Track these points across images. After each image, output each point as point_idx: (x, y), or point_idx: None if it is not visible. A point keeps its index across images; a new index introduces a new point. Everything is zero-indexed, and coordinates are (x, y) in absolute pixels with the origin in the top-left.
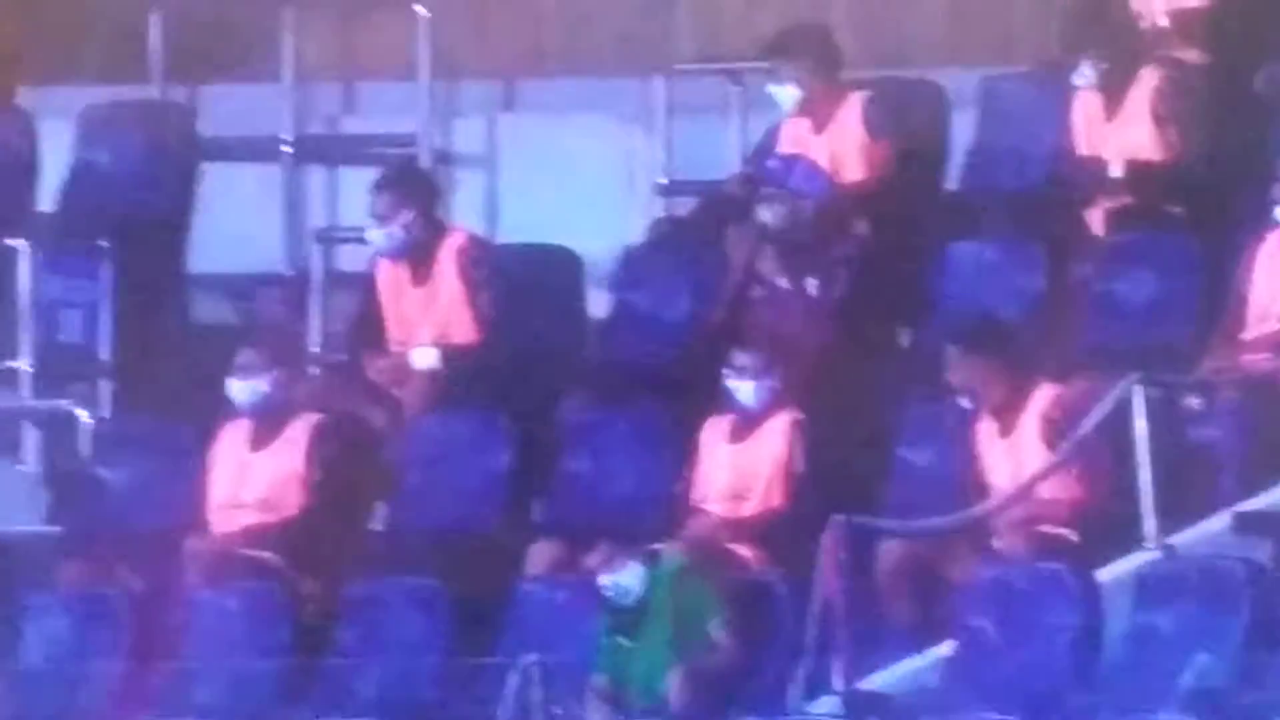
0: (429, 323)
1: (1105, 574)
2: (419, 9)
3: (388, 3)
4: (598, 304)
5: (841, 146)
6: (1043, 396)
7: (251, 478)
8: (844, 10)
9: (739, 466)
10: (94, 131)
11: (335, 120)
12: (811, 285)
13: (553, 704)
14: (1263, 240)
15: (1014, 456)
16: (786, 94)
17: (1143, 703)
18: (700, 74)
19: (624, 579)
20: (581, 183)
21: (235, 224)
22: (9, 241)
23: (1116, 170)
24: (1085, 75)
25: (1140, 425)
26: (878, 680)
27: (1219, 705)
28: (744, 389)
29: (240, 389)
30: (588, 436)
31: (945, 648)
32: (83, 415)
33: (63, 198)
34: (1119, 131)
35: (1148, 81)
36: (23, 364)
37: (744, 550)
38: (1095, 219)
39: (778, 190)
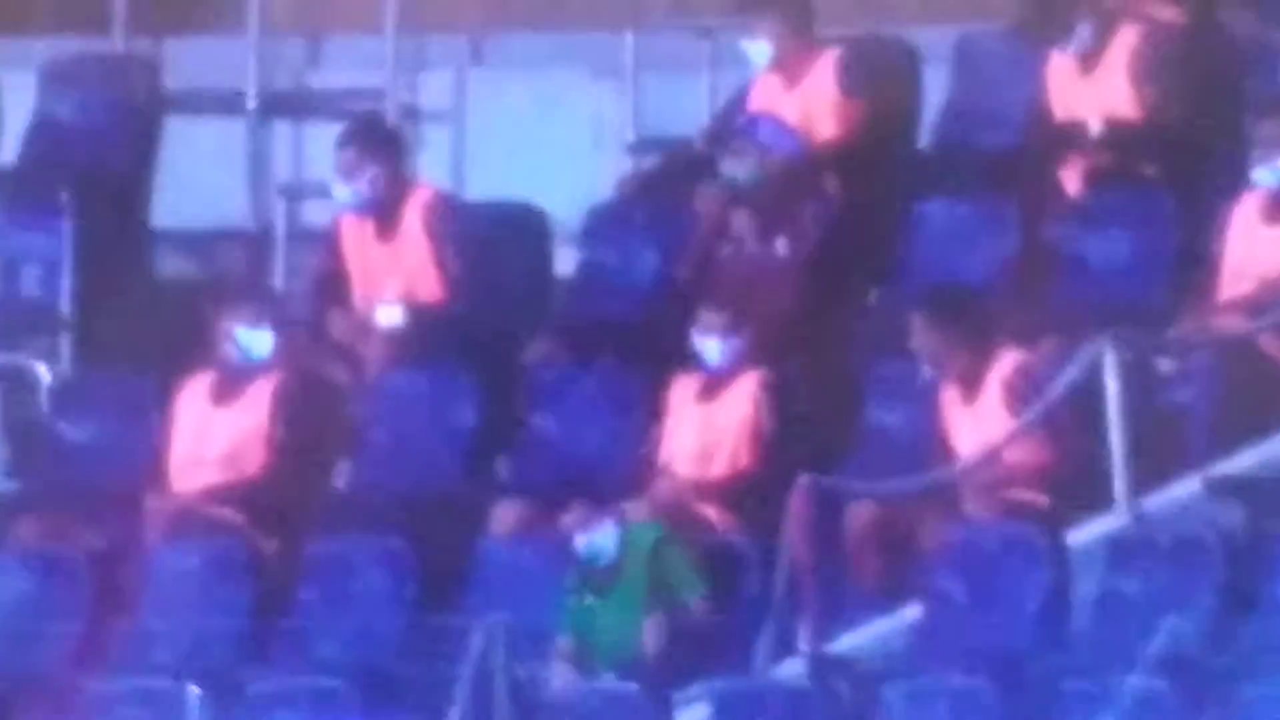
0: (394, 280)
1: (1075, 537)
2: None
3: None
4: (565, 261)
5: (813, 104)
6: (1005, 362)
7: (213, 434)
8: None
9: (707, 427)
10: (56, 84)
11: (301, 74)
12: (781, 244)
13: (516, 664)
14: (1239, 202)
15: (978, 423)
16: (759, 50)
17: (1112, 666)
18: (671, 30)
19: (599, 539)
20: (550, 139)
21: (198, 178)
22: None
23: (1094, 129)
24: (1080, 39)
25: (1112, 387)
26: (845, 642)
27: (1188, 669)
28: (711, 348)
29: (260, 340)
30: (554, 395)
31: (913, 610)
32: (43, 370)
33: (24, 151)
34: (1096, 89)
35: (1126, 39)
36: None
37: (711, 511)
38: (1069, 178)
39: (745, 146)
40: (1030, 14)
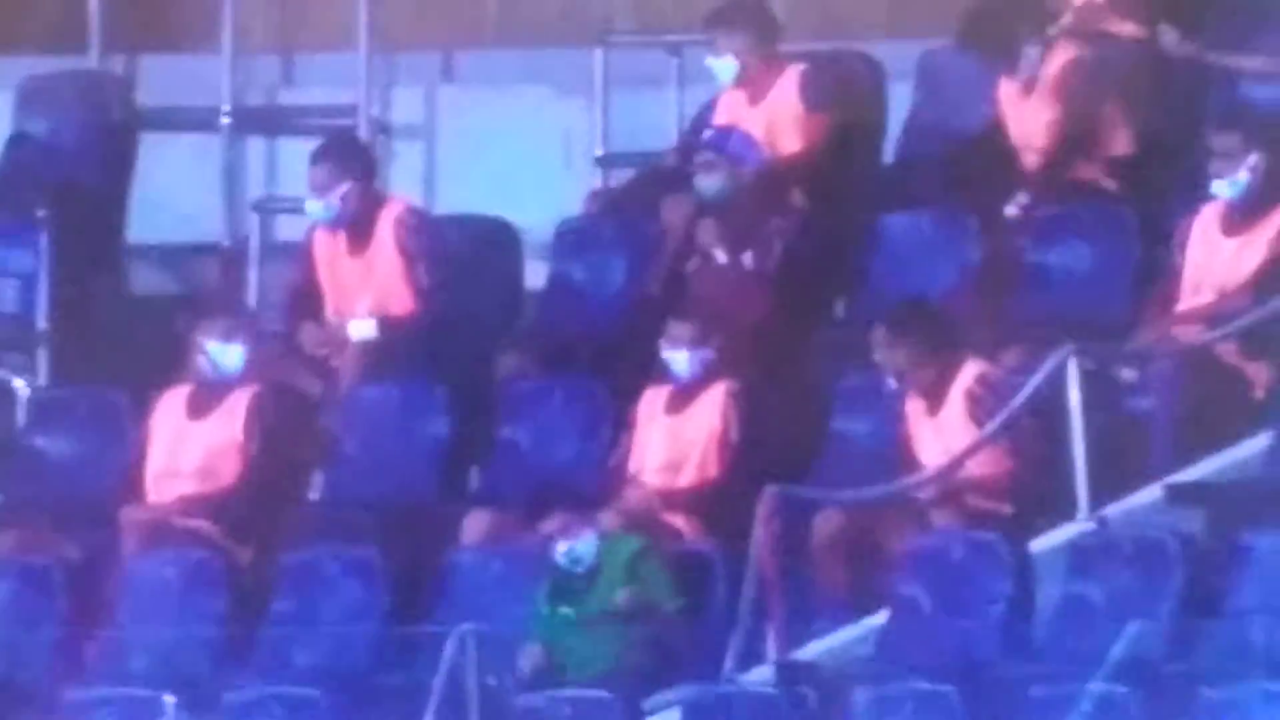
0: (366, 293)
1: (1038, 545)
2: None
3: None
4: (535, 275)
5: (778, 118)
6: (968, 374)
7: (189, 447)
8: None
9: (675, 437)
10: (33, 102)
11: (274, 91)
12: (747, 256)
13: (487, 673)
14: (1198, 212)
15: (942, 433)
16: (724, 66)
17: (1075, 671)
18: (639, 46)
19: (580, 547)
20: (519, 154)
21: (173, 194)
22: None
23: (1036, 144)
24: (1029, 62)
25: (1074, 397)
26: (812, 650)
27: (1150, 674)
28: (680, 359)
29: (231, 354)
30: (525, 407)
31: (879, 618)
32: (20, 384)
33: (0, 167)
34: (1033, 110)
35: (1057, 59)
36: None
37: (679, 520)
38: (1030, 191)
39: (716, 159)
40: (968, 32)
